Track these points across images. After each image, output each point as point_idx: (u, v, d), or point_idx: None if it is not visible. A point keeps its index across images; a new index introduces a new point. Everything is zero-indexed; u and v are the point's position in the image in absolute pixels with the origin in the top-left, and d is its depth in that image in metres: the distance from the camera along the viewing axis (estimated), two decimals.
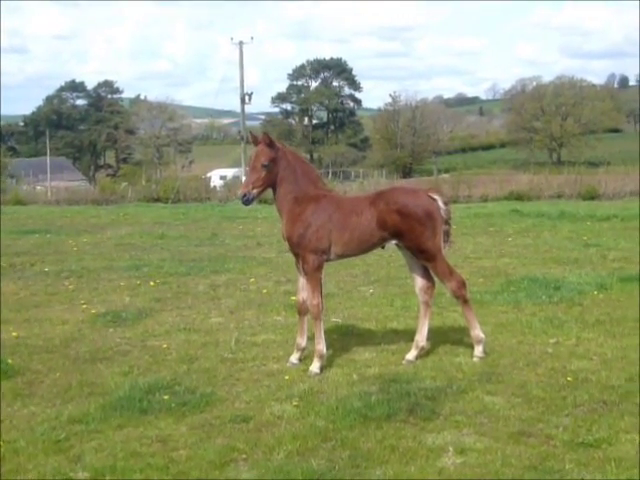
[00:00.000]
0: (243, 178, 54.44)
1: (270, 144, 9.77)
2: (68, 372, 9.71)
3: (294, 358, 10.04)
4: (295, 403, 8.32)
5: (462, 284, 10.04)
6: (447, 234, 10.03)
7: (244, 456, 7.04)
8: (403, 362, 9.86)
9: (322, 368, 9.60)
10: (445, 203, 10.02)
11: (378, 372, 9.42)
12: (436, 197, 9.97)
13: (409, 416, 7.90)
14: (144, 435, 7.56)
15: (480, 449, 7.07)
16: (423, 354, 10.04)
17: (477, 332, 10.02)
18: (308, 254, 9.68)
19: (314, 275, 9.73)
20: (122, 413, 8.11)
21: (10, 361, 9.90)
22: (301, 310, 10.06)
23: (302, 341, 10.08)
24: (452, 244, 10.36)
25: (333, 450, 7.12)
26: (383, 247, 10.29)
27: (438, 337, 10.90)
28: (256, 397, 8.60)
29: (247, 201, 9.89)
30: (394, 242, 9.96)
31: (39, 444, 7.34)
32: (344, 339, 11.02)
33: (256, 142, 9.90)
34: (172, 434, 7.58)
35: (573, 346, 10.40)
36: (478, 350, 9.99)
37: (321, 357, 9.69)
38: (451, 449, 7.07)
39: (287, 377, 9.28)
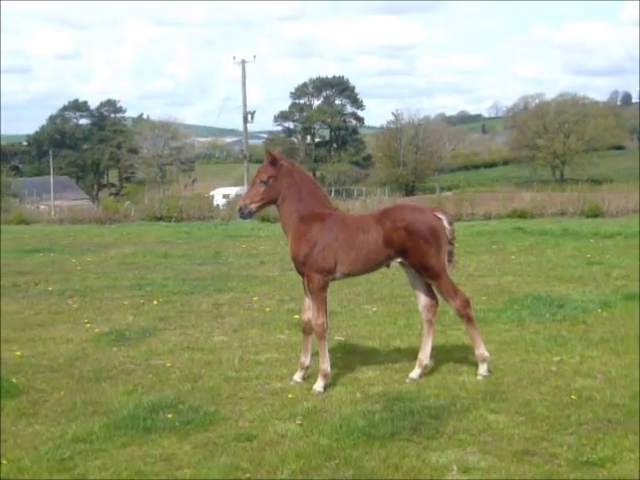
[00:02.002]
0: None
1: (272, 162, 9.84)
2: (72, 391, 9.72)
3: (298, 377, 10.05)
4: (299, 422, 8.32)
5: (466, 303, 10.04)
6: (451, 254, 10.04)
7: (248, 475, 7.04)
8: (407, 380, 9.86)
9: (326, 387, 9.61)
10: (450, 223, 10.01)
11: (382, 390, 9.42)
12: (441, 216, 9.97)
13: (413, 434, 7.90)
14: (148, 454, 7.56)
15: (484, 468, 7.06)
16: (427, 372, 10.04)
17: (482, 351, 10.02)
18: (314, 273, 9.70)
19: (319, 294, 9.75)
20: (126, 432, 8.11)
21: (14, 380, 9.90)
22: (306, 329, 10.07)
23: (306, 360, 10.09)
24: (456, 264, 10.37)
25: (337, 469, 7.12)
26: (388, 266, 10.27)
27: (441, 355, 10.90)
28: (260, 416, 8.60)
29: (242, 214, 10.01)
30: (398, 260, 9.96)
31: (43, 463, 7.35)
32: (347, 357, 11.02)
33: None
34: (176, 453, 7.58)
35: (577, 364, 10.40)
36: (482, 369, 9.98)
37: (325, 376, 9.69)
38: (455, 468, 7.06)
39: (291, 396, 9.29)
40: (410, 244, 9.75)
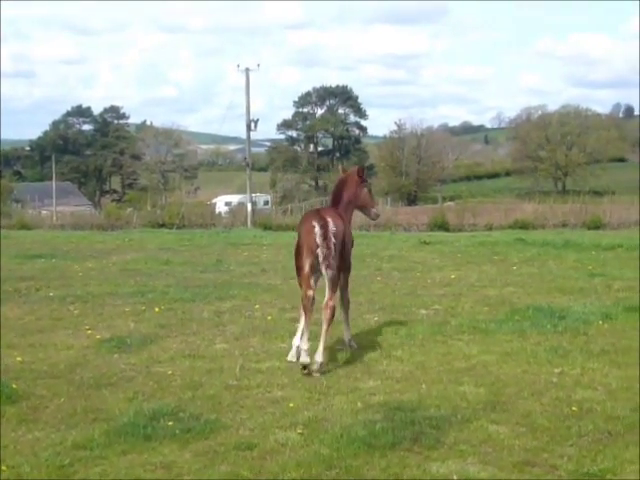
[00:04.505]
0: (248, 205, 54.94)
1: None
2: (72, 397, 9.70)
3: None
4: (299, 431, 8.31)
5: (305, 304, 11.20)
6: (325, 258, 10.92)
7: None
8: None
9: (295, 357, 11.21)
10: (322, 227, 10.96)
11: (383, 400, 9.41)
12: (314, 224, 11.05)
13: (413, 445, 7.89)
14: (148, 461, 7.54)
15: (484, 478, 7.05)
16: (429, 382, 10.04)
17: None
18: None
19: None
20: (126, 439, 8.10)
21: (14, 386, 9.88)
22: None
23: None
24: (329, 270, 10.99)
25: (337, 478, 7.11)
26: None
27: (443, 366, 10.91)
28: (260, 424, 8.59)
29: None
30: None
31: (43, 469, 7.33)
32: (348, 367, 11.02)
33: None
34: (176, 461, 7.57)
35: (578, 376, 10.39)
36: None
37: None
38: (455, 478, 7.05)
39: (292, 404, 9.27)
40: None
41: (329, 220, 11.09)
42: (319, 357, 10.71)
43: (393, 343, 12.47)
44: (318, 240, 10.89)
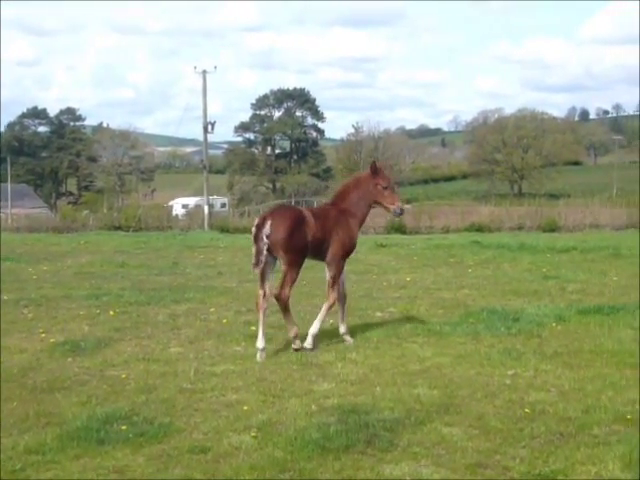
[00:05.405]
0: (205, 207, 54.88)
1: None
2: (25, 402, 9.61)
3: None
4: (253, 434, 8.30)
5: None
6: (254, 255, 11.81)
7: None
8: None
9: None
10: (257, 227, 11.83)
11: (337, 403, 9.41)
12: (255, 224, 11.96)
13: (367, 447, 7.90)
14: (101, 466, 7.50)
15: None
16: (383, 385, 10.08)
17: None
18: None
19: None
20: (79, 443, 8.04)
21: None
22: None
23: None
24: (256, 267, 11.82)
25: None
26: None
27: (397, 368, 10.94)
28: (214, 428, 8.57)
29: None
30: None
31: None
32: (303, 369, 11.02)
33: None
34: (129, 465, 7.53)
35: (531, 378, 10.46)
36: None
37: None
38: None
39: (246, 408, 9.26)
40: None
41: (268, 222, 11.71)
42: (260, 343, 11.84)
43: (348, 346, 12.50)
44: (251, 239, 11.94)
